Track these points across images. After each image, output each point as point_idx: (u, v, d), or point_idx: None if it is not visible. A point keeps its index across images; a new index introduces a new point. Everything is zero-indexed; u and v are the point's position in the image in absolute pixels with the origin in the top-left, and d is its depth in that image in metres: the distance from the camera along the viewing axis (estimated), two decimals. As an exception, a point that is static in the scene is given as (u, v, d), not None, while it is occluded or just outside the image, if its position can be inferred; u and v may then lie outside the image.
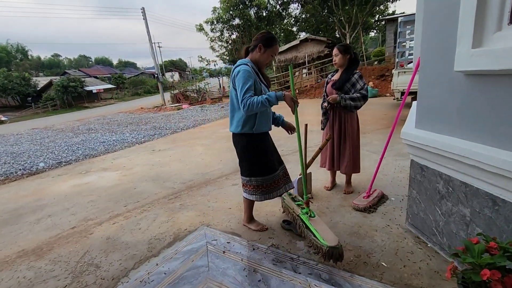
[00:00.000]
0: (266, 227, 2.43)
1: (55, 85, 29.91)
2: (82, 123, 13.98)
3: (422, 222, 2.05)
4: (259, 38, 2.09)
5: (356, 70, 2.71)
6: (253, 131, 2.14)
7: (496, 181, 1.39)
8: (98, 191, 3.87)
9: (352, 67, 2.69)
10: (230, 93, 2.16)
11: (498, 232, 1.44)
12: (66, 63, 72.65)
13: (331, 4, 17.93)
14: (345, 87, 2.67)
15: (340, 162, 2.90)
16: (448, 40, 1.58)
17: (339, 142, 2.86)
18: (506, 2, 1.29)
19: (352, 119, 2.79)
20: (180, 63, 62.08)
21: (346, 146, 2.82)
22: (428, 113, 1.84)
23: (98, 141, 8.05)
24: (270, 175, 2.24)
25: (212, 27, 22.61)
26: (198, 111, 13.82)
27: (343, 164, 2.87)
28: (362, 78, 2.68)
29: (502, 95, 1.35)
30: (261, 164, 2.21)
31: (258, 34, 2.15)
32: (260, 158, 2.20)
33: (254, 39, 2.13)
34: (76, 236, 2.64)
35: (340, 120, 2.80)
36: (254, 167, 2.21)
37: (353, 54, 2.69)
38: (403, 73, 6.53)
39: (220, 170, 4.23)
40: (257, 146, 2.19)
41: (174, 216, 2.86)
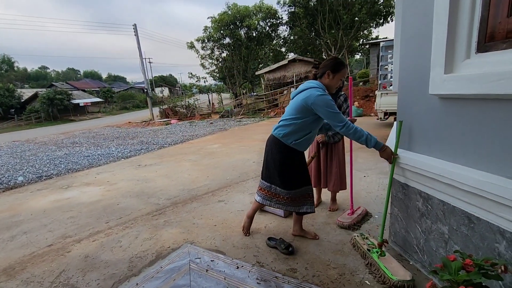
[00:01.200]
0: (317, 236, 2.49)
1: (40, 97, 29.28)
2: (67, 136, 13.64)
3: (404, 240, 2.08)
4: (326, 65, 2.12)
5: (341, 90, 2.80)
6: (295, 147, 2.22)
7: (471, 200, 1.45)
8: (79, 207, 3.74)
9: (338, 89, 2.78)
10: (295, 105, 2.13)
11: (474, 249, 1.49)
12: (53, 76, 71.55)
13: (318, 27, 18.72)
14: None
15: (328, 179, 2.94)
16: (423, 65, 1.69)
17: (326, 160, 2.92)
18: (473, 33, 1.41)
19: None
20: (170, 78, 62.32)
21: (333, 163, 2.88)
22: (407, 134, 1.93)
23: (82, 155, 7.85)
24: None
25: (203, 45, 23.04)
26: (187, 126, 13.79)
27: (331, 182, 2.92)
28: (347, 101, 2.77)
29: (472, 118, 1.44)
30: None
31: (326, 61, 2.18)
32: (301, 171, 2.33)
33: (321, 66, 2.17)
34: (52, 255, 2.52)
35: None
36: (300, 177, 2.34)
37: None
38: (385, 94, 6.80)
39: (207, 186, 4.19)
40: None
41: (158, 233, 2.79)
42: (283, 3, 19.15)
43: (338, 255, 2.20)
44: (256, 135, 9.22)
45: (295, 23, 19.90)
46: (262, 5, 20.94)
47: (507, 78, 1.17)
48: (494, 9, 1.30)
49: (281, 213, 2.91)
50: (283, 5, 19.29)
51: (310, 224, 2.74)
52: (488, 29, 1.34)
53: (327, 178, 2.94)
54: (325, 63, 2.15)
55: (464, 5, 1.41)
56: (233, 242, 2.50)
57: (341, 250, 2.26)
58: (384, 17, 18.22)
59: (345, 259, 2.14)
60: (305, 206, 2.37)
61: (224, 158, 6.13)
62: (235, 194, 3.77)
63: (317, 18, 18.36)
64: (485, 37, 1.35)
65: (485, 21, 1.34)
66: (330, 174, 2.91)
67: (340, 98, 2.75)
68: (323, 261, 2.13)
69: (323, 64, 2.17)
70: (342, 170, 2.92)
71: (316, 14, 18.25)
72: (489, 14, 1.32)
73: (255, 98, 19.99)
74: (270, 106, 17.75)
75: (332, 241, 2.41)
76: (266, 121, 13.58)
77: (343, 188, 2.95)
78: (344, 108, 2.75)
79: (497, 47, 1.30)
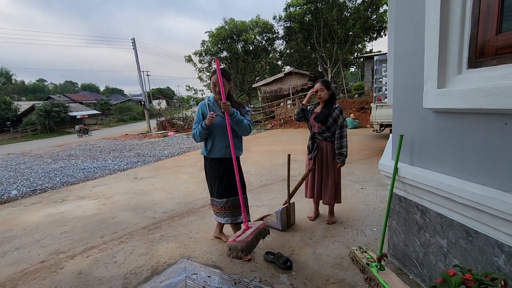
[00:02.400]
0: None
1: (37, 110, 29.25)
2: (63, 149, 13.54)
3: (403, 253, 2.07)
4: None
5: (335, 103, 2.84)
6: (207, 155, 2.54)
7: (468, 213, 1.46)
8: (74, 221, 3.67)
9: (332, 101, 2.82)
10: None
11: (474, 263, 1.48)
12: (51, 88, 71.74)
13: (313, 41, 19.12)
14: (328, 122, 2.77)
15: (323, 193, 2.93)
16: (416, 80, 1.72)
17: (321, 172, 2.91)
18: (463, 50, 1.45)
19: (332, 150, 2.85)
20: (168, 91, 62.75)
21: (329, 177, 2.87)
22: (403, 146, 1.94)
23: (78, 168, 7.78)
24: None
25: (201, 58, 23.37)
26: (184, 138, 13.77)
27: (326, 195, 2.91)
28: (343, 113, 2.79)
29: (466, 131, 1.46)
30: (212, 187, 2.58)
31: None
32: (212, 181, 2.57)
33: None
34: (44, 271, 2.46)
35: (322, 152, 2.87)
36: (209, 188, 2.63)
37: (332, 89, 2.88)
38: (381, 107, 6.89)
39: (204, 199, 4.15)
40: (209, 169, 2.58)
41: (153, 248, 2.74)
42: (279, 18, 19.63)
43: (337, 270, 2.16)
44: (253, 147, 9.23)
45: (291, 37, 20.33)
46: (258, 20, 21.42)
47: (498, 94, 1.20)
48: (483, 27, 1.35)
49: (279, 227, 2.88)
50: (279, 20, 19.77)
51: (308, 237, 2.71)
52: (478, 46, 1.38)
53: (323, 191, 2.93)
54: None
55: (454, 23, 1.45)
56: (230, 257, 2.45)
57: (340, 264, 2.23)
58: (377, 32, 18.68)
59: (344, 273, 2.11)
60: (225, 218, 2.53)
61: (221, 170, 6.09)
62: (233, 207, 3.73)
63: (312, 32, 18.78)
64: (476, 53, 1.39)
65: (475, 38, 1.38)
66: (326, 187, 2.90)
67: (335, 111, 2.77)
68: (322, 276, 2.10)
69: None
70: (338, 184, 2.92)
71: (311, 28, 18.68)
72: (478, 31, 1.36)
73: (252, 110, 20.12)
74: (267, 118, 17.85)
75: (330, 255, 2.38)
76: (264, 133, 13.63)
77: (338, 202, 2.95)
78: (342, 121, 2.77)
79: (488, 63, 1.34)
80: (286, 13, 18.90)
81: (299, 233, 2.82)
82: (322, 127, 2.80)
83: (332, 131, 2.79)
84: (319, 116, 2.81)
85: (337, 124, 2.77)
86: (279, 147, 8.63)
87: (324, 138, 2.83)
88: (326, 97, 2.80)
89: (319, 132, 2.84)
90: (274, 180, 4.89)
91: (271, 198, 3.96)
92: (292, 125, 15.38)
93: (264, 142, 10.45)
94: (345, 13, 18.08)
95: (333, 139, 2.80)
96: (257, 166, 6.18)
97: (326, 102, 2.82)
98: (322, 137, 2.83)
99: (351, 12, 18.02)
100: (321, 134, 2.84)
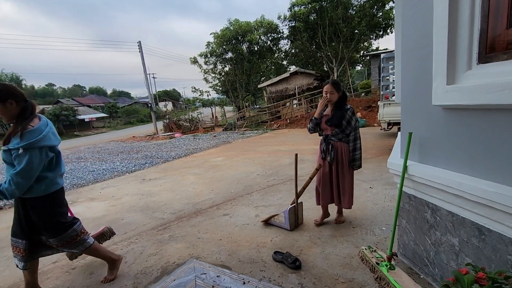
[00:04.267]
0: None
1: (47, 114, 29.20)
2: (72, 151, 13.76)
3: (414, 252, 2.04)
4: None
5: (346, 104, 2.74)
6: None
7: (480, 211, 1.43)
8: (84, 223, 3.67)
9: (343, 103, 2.73)
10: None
11: (487, 261, 1.45)
12: (60, 92, 73.04)
13: (318, 40, 19.02)
14: (342, 124, 2.67)
15: (341, 196, 2.82)
16: (425, 76, 1.70)
17: (337, 176, 2.79)
18: (473, 45, 1.43)
19: (348, 150, 2.74)
20: (174, 93, 63.22)
21: (345, 179, 2.76)
22: (412, 144, 1.92)
23: (87, 170, 7.90)
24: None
25: (206, 60, 23.46)
26: (190, 140, 13.86)
27: (345, 198, 2.79)
28: (355, 114, 2.71)
29: (476, 127, 1.44)
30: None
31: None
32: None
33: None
34: (57, 272, 2.51)
35: (337, 153, 2.75)
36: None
37: (342, 90, 2.77)
38: (388, 105, 6.82)
39: (211, 200, 4.17)
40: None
41: (163, 248, 2.76)
42: (284, 18, 19.59)
43: (346, 269, 2.15)
44: (260, 147, 9.23)
45: (295, 37, 20.27)
46: (263, 21, 21.41)
47: (510, 89, 1.18)
48: (493, 21, 1.33)
49: (287, 226, 2.87)
50: (283, 20, 19.73)
51: (317, 237, 2.70)
52: (488, 41, 1.36)
53: (341, 195, 2.81)
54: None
55: (463, 17, 1.43)
56: (238, 257, 2.46)
57: (349, 264, 2.21)
58: (383, 29, 18.50)
59: (353, 273, 2.10)
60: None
61: (228, 171, 6.12)
62: (240, 207, 3.75)
63: (317, 31, 18.69)
64: (486, 48, 1.37)
65: (485, 33, 1.36)
66: (344, 190, 2.78)
67: (348, 113, 2.66)
68: (331, 276, 2.09)
69: None
70: (353, 185, 2.84)
71: (316, 27, 18.59)
72: (488, 26, 1.34)
73: (258, 111, 20.15)
74: (273, 118, 17.84)
75: (339, 254, 2.37)
76: (270, 133, 13.62)
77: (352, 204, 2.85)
78: (355, 123, 2.68)
79: (498, 58, 1.32)
80: (290, 12, 18.84)
81: (307, 232, 2.81)
82: (336, 130, 2.71)
83: (346, 133, 2.70)
84: (333, 119, 2.71)
85: (351, 126, 2.68)
86: (285, 147, 8.61)
87: (338, 139, 2.74)
88: (336, 99, 2.70)
89: (333, 135, 2.75)
90: (281, 180, 4.88)
91: (279, 198, 3.96)
92: (298, 125, 15.33)
93: (271, 142, 10.44)
94: (350, 11, 17.93)
95: (348, 139, 2.72)
96: (264, 166, 6.18)
97: (337, 104, 2.73)
98: (337, 138, 2.74)
99: (356, 10, 17.85)
100: (335, 136, 2.74)
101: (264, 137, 12.23)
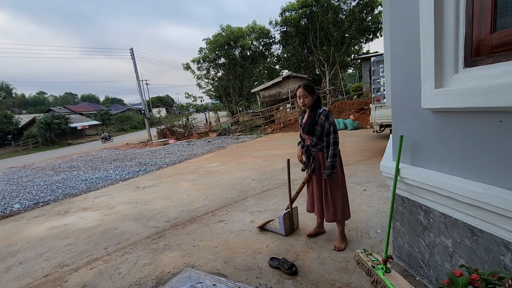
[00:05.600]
0: None
1: (38, 122, 29.43)
2: (64, 160, 13.56)
3: (409, 255, 2.05)
4: None
5: (320, 107, 2.45)
6: None
7: (472, 212, 1.45)
8: (77, 233, 3.66)
9: (316, 107, 2.46)
10: None
11: (480, 262, 1.47)
12: (51, 101, 72.21)
13: (310, 45, 19.23)
14: (316, 131, 2.41)
15: (324, 209, 2.52)
16: (414, 80, 1.73)
17: (320, 187, 2.53)
18: (459, 49, 1.46)
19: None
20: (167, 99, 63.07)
21: (328, 191, 2.46)
22: (404, 147, 1.94)
23: (79, 179, 7.78)
24: None
25: (199, 65, 23.48)
26: (185, 146, 13.79)
27: (328, 212, 2.49)
28: (329, 117, 2.39)
29: (465, 130, 1.46)
30: None
31: None
32: None
33: None
34: (48, 285, 2.45)
35: (319, 164, 2.51)
36: None
37: (317, 93, 2.49)
38: (380, 107, 6.90)
39: (206, 206, 4.14)
40: None
41: (157, 257, 2.72)
42: (275, 23, 19.76)
43: (342, 273, 2.15)
44: (254, 152, 9.23)
45: (287, 42, 20.44)
46: (255, 26, 21.56)
47: (496, 92, 1.20)
48: (477, 26, 1.36)
49: (282, 232, 2.86)
50: (275, 25, 19.89)
51: (312, 241, 2.69)
52: (474, 45, 1.39)
53: (324, 208, 2.52)
54: None
55: (448, 23, 1.47)
56: (234, 264, 2.44)
57: (346, 268, 2.21)
58: (373, 33, 18.78)
59: (350, 277, 2.09)
60: None
61: (223, 176, 6.09)
62: (235, 213, 3.73)
63: (308, 36, 18.89)
64: (471, 52, 1.40)
65: (470, 38, 1.39)
66: (327, 203, 2.48)
67: (320, 117, 2.39)
68: (328, 281, 2.09)
69: None
70: (344, 198, 2.50)
71: (308, 32, 18.80)
72: (473, 31, 1.37)
73: (252, 115, 20.17)
74: (267, 122, 17.89)
75: (335, 258, 2.37)
76: (264, 137, 13.63)
77: (346, 217, 2.53)
78: (328, 127, 2.36)
79: (484, 62, 1.35)
80: (282, 18, 19.03)
81: (303, 237, 2.80)
82: (313, 138, 2.45)
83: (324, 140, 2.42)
84: (305, 126, 2.47)
85: (324, 131, 2.39)
86: (279, 151, 8.63)
87: (319, 150, 2.47)
88: (311, 103, 2.45)
89: (312, 145, 2.49)
90: (276, 185, 4.88)
91: (274, 203, 3.95)
92: (292, 128, 15.39)
93: (265, 146, 10.44)
94: (340, 15, 18.20)
95: None
96: (259, 171, 6.17)
97: (311, 108, 2.48)
98: (317, 148, 2.48)
99: (346, 14, 18.13)
100: (314, 146, 2.49)
101: (258, 142, 12.24)
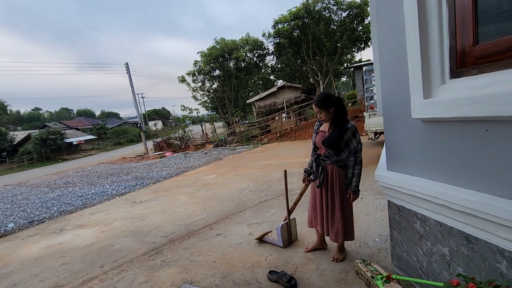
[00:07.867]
0: None
1: (33, 139, 29.22)
2: (60, 176, 13.41)
3: (407, 263, 2.04)
4: None
5: (347, 122, 2.28)
6: None
7: (466, 219, 1.46)
8: (72, 252, 3.60)
9: (342, 120, 2.28)
10: None
11: (477, 270, 1.47)
12: (47, 116, 72.05)
13: (303, 55, 19.57)
14: (339, 146, 2.26)
15: (330, 227, 2.41)
16: (403, 90, 1.77)
17: (327, 202, 2.39)
18: (444, 60, 1.50)
19: (342, 175, 2.32)
20: (163, 111, 63.24)
21: (336, 208, 2.35)
22: (396, 156, 1.97)
23: (75, 195, 7.69)
24: None
25: (194, 78, 23.71)
26: (181, 158, 13.74)
27: (333, 230, 2.39)
28: (356, 134, 2.26)
29: (456, 139, 1.49)
30: None
31: None
32: None
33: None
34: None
35: (328, 176, 2.37)
36: None
37: (336, 102, 2.27)
38: (374, 115, 6.99)
39: (204, 220, 4.11)
40: None
41: (155, 274, 2.68)
42: (268, 35, 20.11)
43: (342, 285, 2.13)
44: (251, 162, 9.22)
45: (281, 53, 20.78)
46: (248, 38, 21.93)
47: (481, 102, 1.24)
48: (460, 39, 1.41)
49: (280, 244, 2.84)
50: (268, 37, 20.24)
51: (311, 253, 2.67)
52: (458, 57, 1.43)
53: (329, 225, 2.41)
54: None
55: (433, 35, 1.52)
56: (233, 279, 2.41)
57: (345, 279, 2.20)
58: (364, 42, 19.18)
59: (349, 288, 2.08)
60: None
61: (220, 188, 6.07)
62: (233, 226, 3.70)
63: (301, 46, 19.24)
64: (456, 64, 1.44)
65: (454, 50, 1.44)
66: (333, 220, 2.37)
67: (348, 134, 2.24)
68: (328, 293, 2.06)
69: None
70: (348, 215, 2.39)
71: (300, 43, 19.15)
72: (456, 43, 1.42)
73: (248, 126, 20.28)
74: (263, 132, 17.96)
75: (334, 269, 2.35)
76: (260, 148, 13.65)
77: (349, 239, 2.43)
78: (355, 145, 2.25)
79: (469, 73, 1.39)
80: (274, 30, 19.40)
81: (301, 249, 2.78)
82: (330, 151, 2.30)
83: (342, 157, 2.27)
84: (329, 140, 2.27)
85: (348, 149, 2.26)
86: (276, 161, 8.63)
87: (330, 162, 2.33)
88: (329, 117, 2.29)
89: (326, 156, 2.33)
90: (274, 196, 4.87)
91: (272, 214, 3.93)
92: (288, 137, 15.46)
93: (262, 156, 10.45)
94: (331, 26, 18.60)
95: (342, 164, 2.30)
96: (256, 182, 6.16)
97: (335, 121, 2.30)
98: (330, 160, 2.33)
99: (338, 25, 18.55)
100: (328, 157, 2.33)
101: (255, 152, 12.25)
